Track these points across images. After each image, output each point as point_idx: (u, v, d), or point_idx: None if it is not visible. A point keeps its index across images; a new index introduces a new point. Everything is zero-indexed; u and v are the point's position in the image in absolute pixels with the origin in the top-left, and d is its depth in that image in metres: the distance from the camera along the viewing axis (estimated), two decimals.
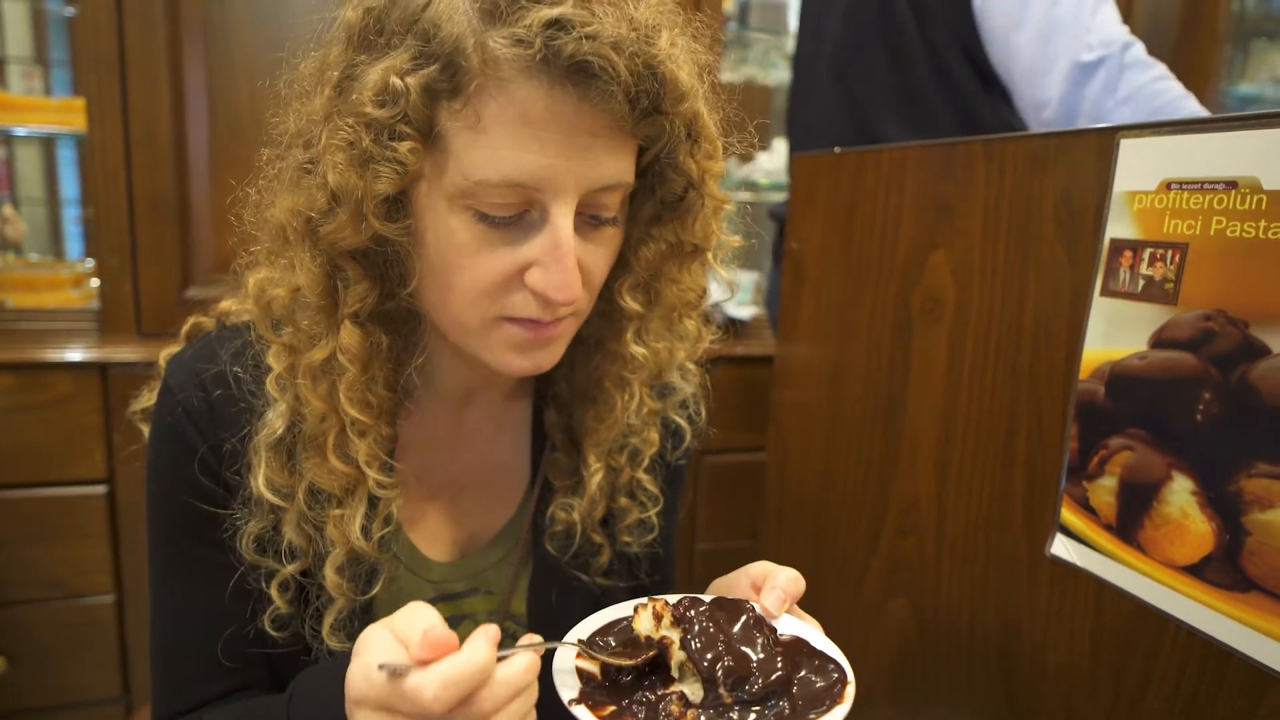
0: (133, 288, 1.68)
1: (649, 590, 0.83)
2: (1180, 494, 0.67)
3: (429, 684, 0.45)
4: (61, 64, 2.10)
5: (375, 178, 0.55)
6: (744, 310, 2.08)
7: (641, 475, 0.78)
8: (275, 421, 0.64)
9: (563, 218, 0.57)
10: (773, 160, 2.23)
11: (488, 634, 0.48)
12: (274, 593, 0.66)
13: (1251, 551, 0.62)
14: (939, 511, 0.97)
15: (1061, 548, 0.78)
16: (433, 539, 0.74)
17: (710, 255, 0.71)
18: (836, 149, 1.13)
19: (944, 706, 0.98)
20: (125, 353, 1.63)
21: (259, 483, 0.64)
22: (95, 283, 1.73)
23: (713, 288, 0.78)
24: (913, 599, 1.02)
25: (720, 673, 0.54)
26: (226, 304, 0.71)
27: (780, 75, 2.31)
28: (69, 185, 2.22)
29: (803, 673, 0.56)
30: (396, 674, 0.46)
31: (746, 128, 0.67)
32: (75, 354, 1.61)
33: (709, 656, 0.54)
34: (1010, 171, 0.85)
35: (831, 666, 0.56)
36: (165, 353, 0.70)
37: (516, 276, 0.59)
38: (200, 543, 0.67)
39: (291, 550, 0.66)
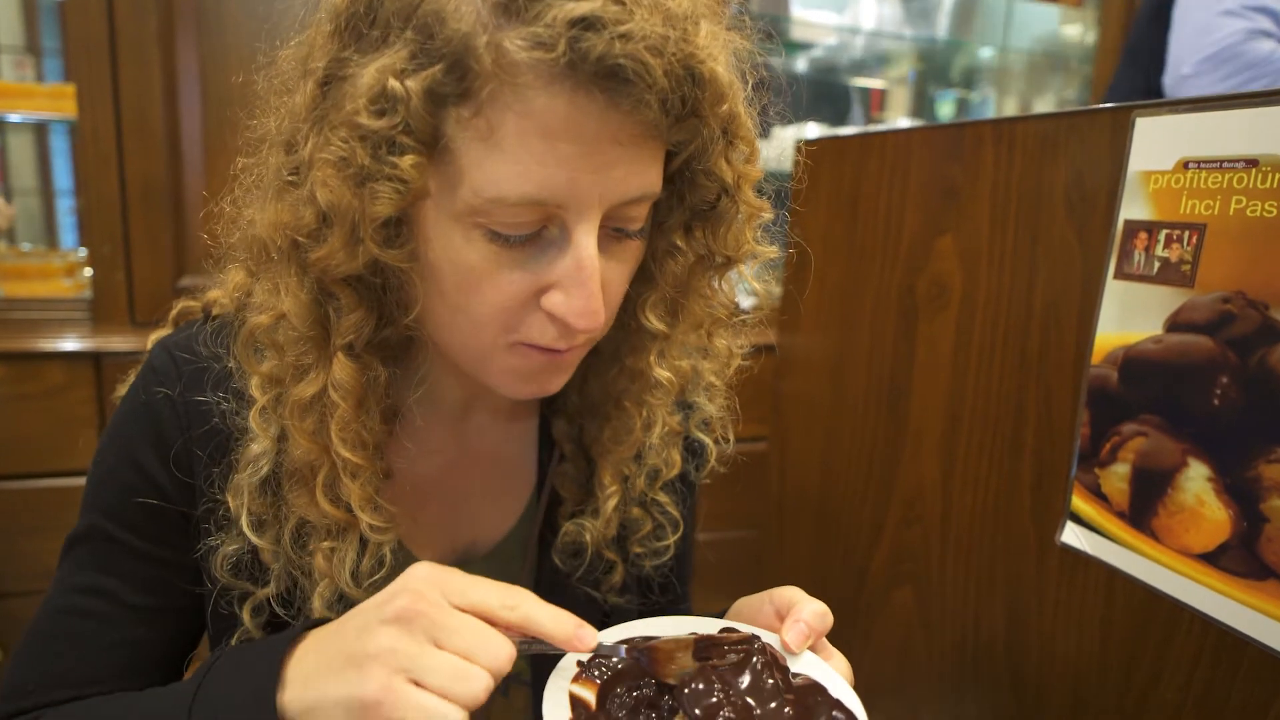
0: (126, 276, 1.66)
1: (662, 610, 0.79)
2: (1196, 480, 0.65)
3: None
4: (54, 53, 2.08)
5: (373, 198, 0.49)
6: (744, 300, 2.07)
7: (660, 495, 0.73)
8: (260, 460, 0.59)
9: (586, 236, 0.51)
10: (771, 149, 2.21)
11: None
12: (246, 616, 0.62)
13: (1270, 539, 0.60)
14: (944, 501, 0.96)
15: (1072, 536, 0.77)
16: (428, 546, 0.70)
17: (742, 267, 0.64)
18: (840, 131, 1.11)
19: (948, 698, 0.97)
20: (118, 342, 1.61)
21: (244, 522, 0.59)
22: (88, 272, 1.71)
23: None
24: (917, 589, 1.01)
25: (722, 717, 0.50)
26: (214, 293, 0.67)
27: (779, 60, 2.29)
28: (63, 176, 2.19)
29: (818, 717, 0.52)
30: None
31: (786, 119, 0.62)
32: (68, 344, 1.59)
33: (706, 705, 0.50)
34: (1020, 153, 0.83)
35: (843, 717, 0.52)
36: (154, 336, 0.67)
37: (533, 299, 0.54)
38: (131, 531, 0.62)
39: (270, 575, 0.62)
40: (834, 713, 0.53)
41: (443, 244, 0.52)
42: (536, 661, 0.72)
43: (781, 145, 2.20)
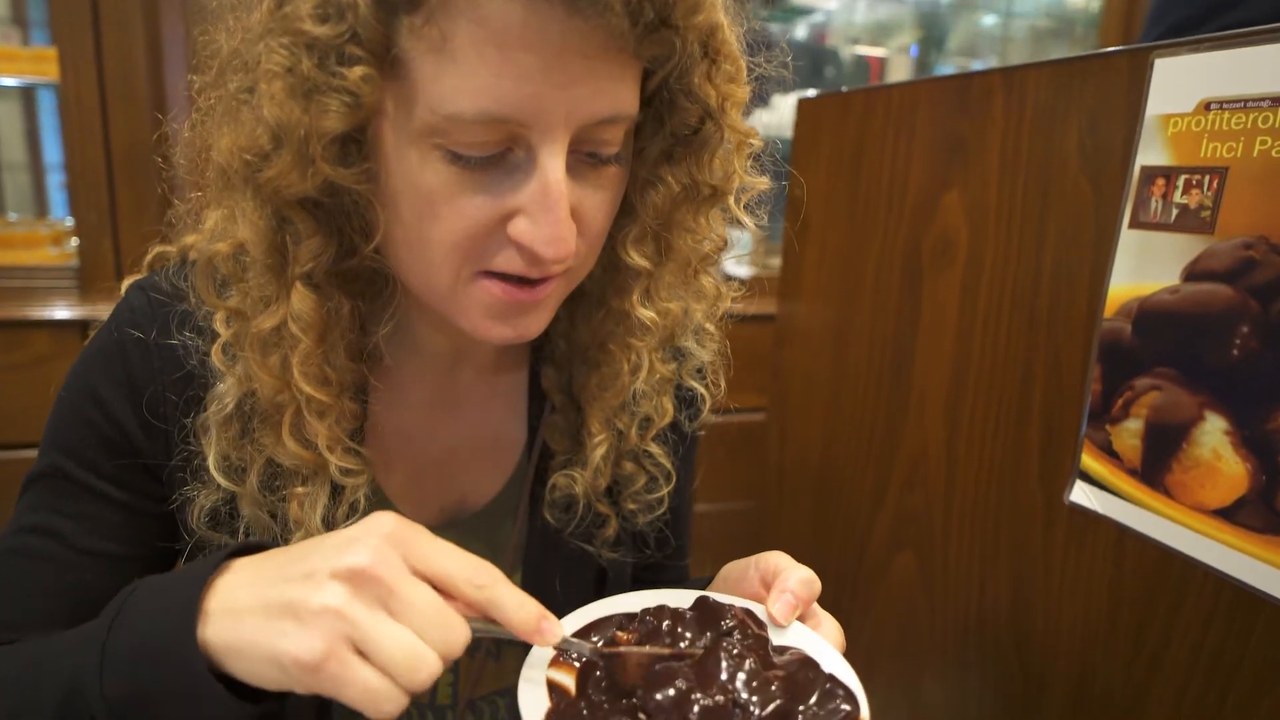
0: (113, 244, 1.63)
1: (660, 566, 0.77)
2: (1213, 434, 0.63)
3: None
4: (41, 25, 2.04)
5: (322, 112, 0.46)
6: (742, 268, 2.04)
7: (652, 446, 0.70)
8: (225, 396, 0.57)
9: (552, 159, 0.48)
10: (772, 116, 2.18)
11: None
12: None
13: None
14: (949, 464, 0.94)
15: (1081, 495, 0.75)
16: (416, 506, 0.68)
17: (731, 200, 0.61)
18: (844, 88, 1.08)
19: (951, 665, 0.95)
20: (105, 310, 1.57)
21: (211, 462, 0.57)
22: (76, 242, 1.68)
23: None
24: (920, 554, 0.99)
25: (695, 718, 0.46)
26: (191, 238, 0.64)
27: (778, 27, 2.25)
28: (53, 151, 2.16)
29: (813, 699, 0.49)
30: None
31: (776, 47, 0.58)
32: (54, 312, 1.56)
33: (675, 694, 0.46)
34: (1031, 102, 0.80)
35: (841, 693, 0.49)
36: (129, 280, 0.64)
37: (499, 227, 0.51)
38: (91, 471, 0.60)
39: (248, 528, 0.59)
40: (828, 686, 0.50)
41: (401, 166, 0.50)
42: None
43: (780, 113, 2.17)
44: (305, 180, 0.49)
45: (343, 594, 0.42)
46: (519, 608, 0.46)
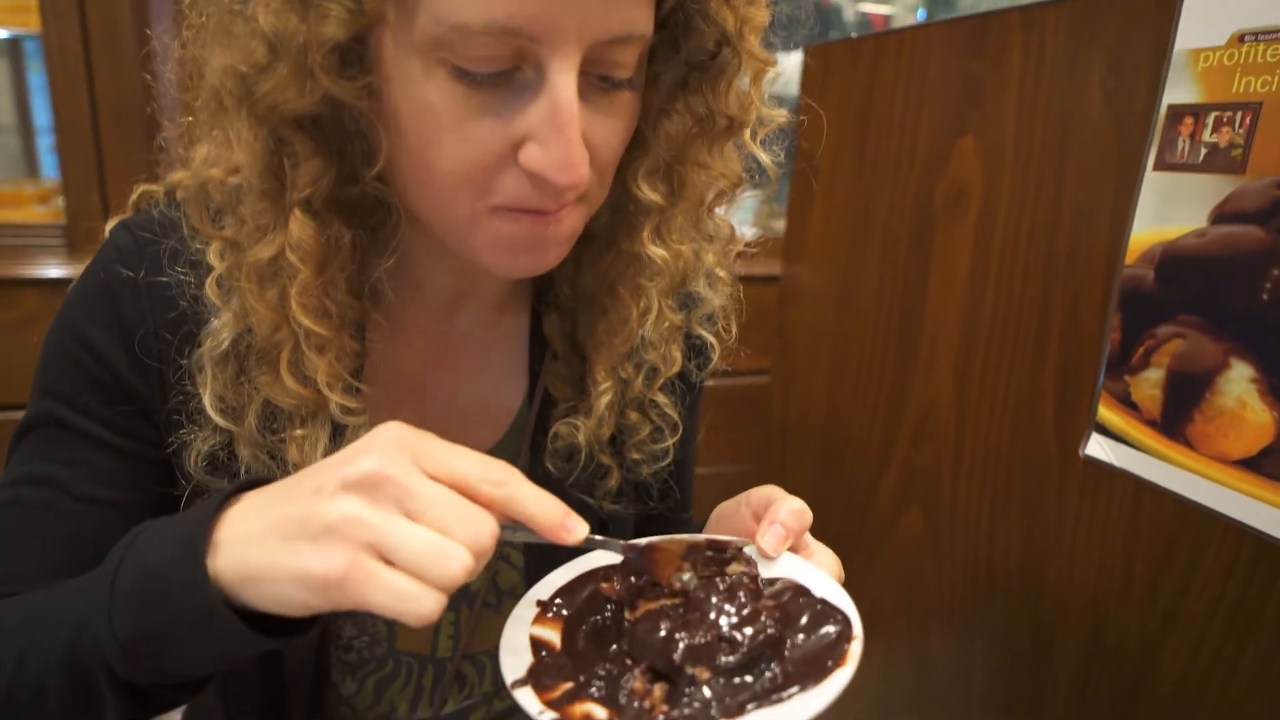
0: (101, 201, 1.60)
1: (662, 518, 0.75)
2: (1238, 382, 0.61)
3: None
4: None
5: (321, 18, 0.44)
6: (746, 229, 2.02)
7: (658, 396, 0.68)
8: (220, 332, 0.55)
9: (563, 75, 0.46)
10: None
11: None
12: None
13: None
14: (959, 417, 0.92)
15: (1097, 448, 0.73)
16: None
17: (748, 135, 0.59)
18: (853, 34, 1.05)
19: (959, 622, 0.94)
20: None
21: (207, 401, 0.55)
22: (63, 200, 1.64)
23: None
24: (927, 509, 0.98)
25: (680, 656, 0.45)
26: (178, 175, 0.61)
27: None
28: (42, 114, 2.11)
29: (802, 620, 0.48)
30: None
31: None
32: (41, 271, 1.53)
33: (656, 644, 0.45)
34: (1051, 41, 0.77)
35: (836, 617, 0.48)
36: (114, 220, 0.62)
37: (509, 154, 0.48)
38: (84, 415, 0.58)
39: (248, 471, 0.57)
40: (819, 608, 0.49)
41: (403, 82, 0.47)
42: (531, 578, 0.68)
43: (783, 71, 2.12)
44: (304, 95, 0.46)
45: (356, 502, 0.40)
46: (540, 503, 0.44)
